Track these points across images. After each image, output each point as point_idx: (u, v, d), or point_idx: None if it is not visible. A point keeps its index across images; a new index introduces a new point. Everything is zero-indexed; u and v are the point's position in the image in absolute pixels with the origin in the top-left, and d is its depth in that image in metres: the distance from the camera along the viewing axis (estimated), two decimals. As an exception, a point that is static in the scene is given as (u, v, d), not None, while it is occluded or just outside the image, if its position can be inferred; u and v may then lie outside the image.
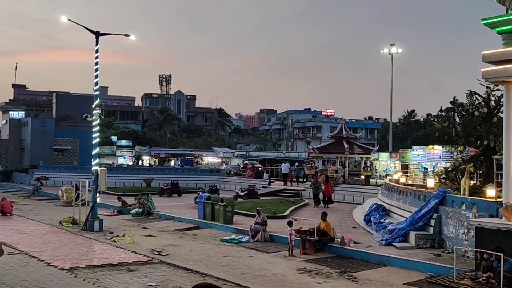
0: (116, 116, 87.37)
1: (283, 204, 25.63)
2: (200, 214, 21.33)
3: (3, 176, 47.30)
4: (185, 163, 58.98)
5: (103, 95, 61.67)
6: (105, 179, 19.86)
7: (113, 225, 19.84)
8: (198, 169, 50.10)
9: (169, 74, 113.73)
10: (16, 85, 78.42)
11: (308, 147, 61.81)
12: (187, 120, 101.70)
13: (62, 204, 28.60)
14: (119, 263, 12.64)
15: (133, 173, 44.18)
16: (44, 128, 49.26)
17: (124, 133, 72.41)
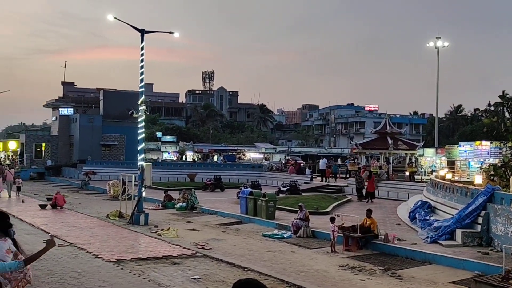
0: (160, 112, 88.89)
1: (325, 200, 25.48)
2: (242, 209, 21.49)
3: (53, 171, 49.03)
4: (227, 158, 59.46)
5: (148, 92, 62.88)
6: (150, 174, 20.30)
7: (158, 219, 20.26)
8: (240, 165, 50.40)
9: (212, 71, 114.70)
10: (65, 82, 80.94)
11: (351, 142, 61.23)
12: (230, 116, 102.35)
13: (109, 198, 29.42)
14: (164, 256, 12.91)
15: (177, 168, 44.88)
16: (92, 124, 50.73)
17: (168, 129, 73.59)
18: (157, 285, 10.06)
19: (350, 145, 61.79)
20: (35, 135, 55.02)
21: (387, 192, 28.96)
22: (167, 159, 60.49)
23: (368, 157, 43.18)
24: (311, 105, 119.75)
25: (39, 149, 51.98)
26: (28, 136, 53.31)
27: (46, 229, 16.64)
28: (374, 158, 42.15)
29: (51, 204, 23.59)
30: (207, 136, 78.36)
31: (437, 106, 52.46)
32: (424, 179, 32.05)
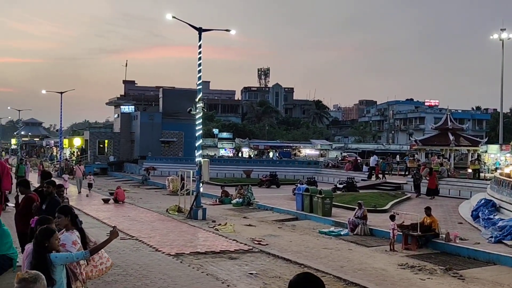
0: (217, 110, 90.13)
1: (383, 197, 25.00)
2: (298, 205, 21.45)
3: (116, 167, 50.80)
4: (283, 155, 59.49)
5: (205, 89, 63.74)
6: (207, 169, 20.64)
7: (215, 214, 20.58)
8: (296, 161, 50.31)
9: (267, 68, 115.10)
10: (127, 81, 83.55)
11: (410, 139, 59.64)
12: (285, 113, 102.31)
13: (169, 193, 30.16)
14: (221, 251, 13.09)
15: (234, 164, 45.37)
16: (152, 121, 52.13)
17: (225, 126, 74.50)
18: (215, 279, 10.23)
19: (409, 141, 60.17)
20: (98, 132, 57.17)
21: (448, 190, 28.05)
22: (223, 155, 61.29)
23: (428, 153, 41.93)
24: (368, 101, 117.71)
25: (102, 145, 53.99)
26: (92, 133, 55.46)
27: (109, 222, 17.27)
28: (434, 155, 40.92)
29: (113, 198, 24.46)
30: (263, 132, 78.66)
31: (502, 101, 50.20)
32: (488, 176, 30.79)
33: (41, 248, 5.00)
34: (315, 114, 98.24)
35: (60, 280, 5.03)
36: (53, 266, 4.95)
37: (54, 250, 5.10)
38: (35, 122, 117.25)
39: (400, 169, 39.51)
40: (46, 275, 4.64)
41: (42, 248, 5.00)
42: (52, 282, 4.84)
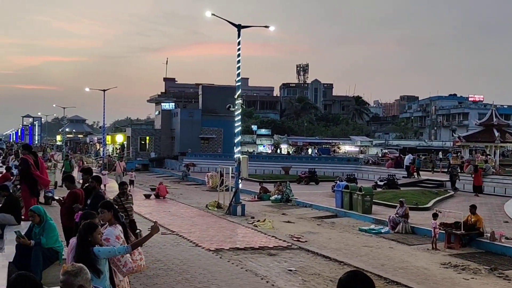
0: (256, 106, 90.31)
1: (425, 195, 24.50)
2: (337, 202, 21.27)
3: (157, 163, 51.68)
4: (322, 151, 59.15)
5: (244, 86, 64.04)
6: (246, 166, 20.74)
7: (254, 210, 20.65)
8: (335, 158, 49.87)
9: (306, 64, 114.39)
10: (167, 78, 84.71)
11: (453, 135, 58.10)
12: (324, 109, 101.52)
13: (208, 189, 30.45)
14: (260, 247, 13.14)
15: (272, 161, 45.38)
16: (192, 118, 52.75)
17: (263, 122, 74.59)
18: (254, 275, 10.28)
19: (453, 137, 58.65)
20: (139, 129, 58.27)
21: (493, 188, 27.22)
22: (262, 152, 61.42)
23: (472, 150, 40.80)
24: (409, 96, 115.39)
25: (144, 142, 55.02)
26: (134, 130, 56.57)
27: (150, 217, 17.59)
28: (478, 152, 39.79)
29: (154, 194, 24.89)
30: (302, 129, 78.34)
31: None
32: (536, 174, 29.69)
33: (85, 242, 5.14)
34: (354, 110, 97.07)
35: (104, 272, 5.17)
36: (97, 259, 5.09)
37: (97, 244, 5.23)
38: (79, 119, 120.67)
39: (443, 166, 38.56)
40: (91, 267, 4.77)
41: (86, 242, 5.14)
42: (98, 273, 4.98)
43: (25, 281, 3.32)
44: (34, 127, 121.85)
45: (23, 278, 3.36)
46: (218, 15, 21.33)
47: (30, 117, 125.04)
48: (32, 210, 7.79)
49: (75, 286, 3.31)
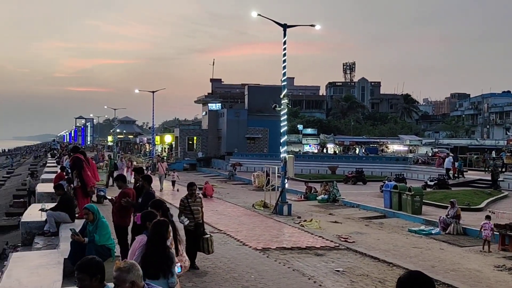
0: (301, 106, 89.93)
1: (477, 195, 23.74)
2: (386, 203, 20.92)
3: (204, 162, 52.37)
4: (369, 151, 58.23)
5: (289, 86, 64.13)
6: (292, 165, 20.70)
7: (301, 210, 20.59)
8: (383, 157, 49.03)
9: (352, 62, 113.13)
10: (213, 79, 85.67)
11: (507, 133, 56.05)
12: (372, 107, 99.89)
13: (254, 188, 30.59)
14: (307, 247, 13.09)
15: (318, 161, 45.12)
16: (238, 118, 53.11)
17: (309, 122, 74.15)
18: (301, 275, 10.26)
19: (506, 136, 56.57)
20: (187, 129, 59.16)
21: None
22: (308, 151, 61.09)
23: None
24: (460, 94, 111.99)
25: (191, 142, 55.86)
26: (182, 130, 57.51)
27: (198, 216, 17.84)
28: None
29: (201, 193, 25.22)
30: (348, 128, 77.42)
31: None
32: None
33: (161, 239, 5.28)
34: (403, 108, 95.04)
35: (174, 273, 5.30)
36: (173, 260, 5.25)
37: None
38: (129, 120, 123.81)
39: (495, 165, 37.16)
40: (167, 267, 4.94)
41: (162, 239, 5.29)
42: (171, 273, 5.13)
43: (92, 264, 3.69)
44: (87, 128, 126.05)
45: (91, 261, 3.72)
46: (264, 15, 21.41)
47: (83, 118, 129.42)
48: (87, 208, 8.07)
49: (127, 282, 3.41)
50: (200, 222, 10.14)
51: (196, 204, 10.10)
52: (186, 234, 9.77)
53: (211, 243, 10.15)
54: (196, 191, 10.29)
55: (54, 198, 13.00)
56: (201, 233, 10.12)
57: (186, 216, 9.81)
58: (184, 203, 10.04)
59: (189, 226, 9.77)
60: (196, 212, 10.03)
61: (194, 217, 9.93)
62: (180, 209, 10.05)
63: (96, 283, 3.61)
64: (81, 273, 3.63)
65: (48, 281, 6.90)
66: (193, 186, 10.23)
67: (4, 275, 7.31)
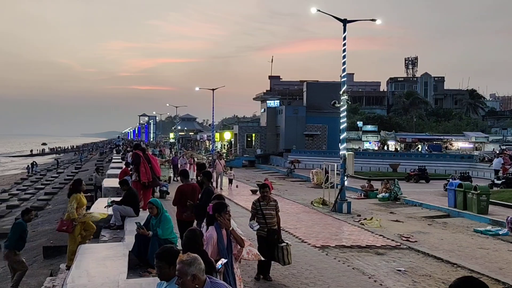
0: (361, 102, 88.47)
1: (550, 195, 22.47)
2: (450, 202, 20.23)
3: (262, 159, 52.67)
4: (433, 148, 56.53)
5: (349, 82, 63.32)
6: (352, 163, 20.43)
7: (360, 208, 20.30)
8: (447, 155, 47.46)
9: (415, 57, 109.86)
10: (272, 76, 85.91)
11: None
12: (435, 103, 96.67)
13: (313, 185, 30.45)
14: (367, 246, 12.90)
15: (379, 158, 44.26)
16: (296, 115, 53.02)
17: (369, 118, 72.88)
18: (361, 273, 10.12)
19: None
20: (246, 126, 59.71)
21: None
22: (368, 148, 60.11)
23: None
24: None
25: (250, 139, 56.33)
26: (241, 127, 58.10)
27: (257, 212, 17.99)
28: None
29: (260, 190, 25.36)
30: (410, 125, 75.41)
31: None
32: None
33: (195, 246, 5.43)
34: (468, 104, 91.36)
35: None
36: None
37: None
38: (190, 117, 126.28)
39: None
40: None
41: (195, 246, 5.44)
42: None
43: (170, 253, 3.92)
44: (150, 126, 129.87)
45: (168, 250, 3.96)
46: (323, 11, 21.23)
47: (146, 116, 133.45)
48: (151, 202, 8.32)
49: (189, 275, 3.50)
50: (274, 228, 9.15)
51: (269, 208, 9.16)
52: (258, 241, 9.12)
53: (287, 252, 9.13)
54: (269, 193, 9.35)
55: (119, 193, 13.50)
56: (276, 240, 9.17)
57: (258, 221, 9.00)
58: (255, 206, 9.17)
59: (260, 231, 9.01)
60: (269, 216, 9.09)
61: (267, 222, 9.03)
62: (252, 212, 9.23)
63: (174, 271, 3.81)
64: (160, 261, 3.90)
65: (114, 272, 7.19)
66: (266, 188, 9.31)
67: (73, 266, 7.68)
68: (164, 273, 3.90)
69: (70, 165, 63.29)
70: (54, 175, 48.76)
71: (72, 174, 44.89)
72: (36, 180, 46.05)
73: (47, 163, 76.81)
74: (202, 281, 3.56)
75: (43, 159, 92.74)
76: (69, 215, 9.93)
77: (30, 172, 58.23)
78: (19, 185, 43.74)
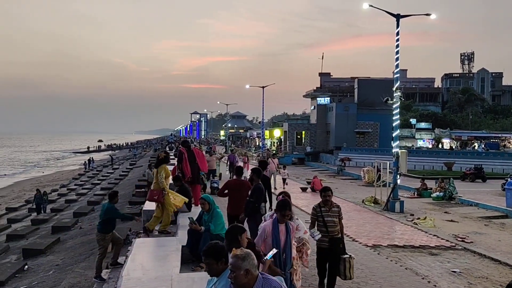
0: (414, 99, 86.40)
1: None
2: (508, 202, 19.48)
3: (312, 157, 52.42)
4: (490, 146, 54.51)
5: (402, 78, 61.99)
6: (405, 161, 20.03)
7: (413, 207, 19.87)
8: (505, 153, 45.57)
9: (471, 52, 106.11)
10: (322, 73, 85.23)
11: None
12: (492, 100, 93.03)
13: (364, 184, 30.04)
14: (420, 246, 12.62)
15: (433, 156, 43.09)
16: (347, 112, 52.41)
17: (423, 115, 71.10)
18: (414, 274, 9.92)
19: None
20: (295, 124, 59.54)
21: None
22: (421, 146, 58.64)
23: None
24: None
25: (300, 136, 56.16)
26: (290, 125, 58.00)
27: (306, 210, 17.91)
28: None
29: (310, 187, 25.28)
30: (466, 122, 72.98)
31: None
32: None
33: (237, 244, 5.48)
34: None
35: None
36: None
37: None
38: (240, 115, 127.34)
39: None
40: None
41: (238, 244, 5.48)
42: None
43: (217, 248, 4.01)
44: (201, 123, 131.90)
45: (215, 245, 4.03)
46: (375, 6, 20.89)
47: (197, 114, 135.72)
48: (203, 198, 8.46)
49: (242, 269, 3.55)
50: (337, 237, 7.89)
51: (332, 215, 7.92)
52: (318, 252, 7.94)
53: (349, 266, 7.87)
54: (331, 197, 8.07)
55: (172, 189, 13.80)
56: (341, 250, 7.93)
57: (319, 229, 7.87)
58: (316, 212, 7.96)
59: (321, 243, 7.83)
60: (331, 224, 7.84)
61: (328, 231, 7.78)
62: (312, 219, 8.03)
63: (222, 266, 3.92)
64: (208, 258, 3.97)
65: (168, 266, 7.37)
66: (328, 191, 8.04)
67: (129, 259, 7.93)
68: (212, 269, 3.97)
69: (125, 161, 65.17)
70: (109, 171, 50.35)
71: (127, 170, 46.20)
72: (92, 176, 47.76)
73: (103, 159, 79.46)
74: (254, 277, 3.61)
75: (99, 156, 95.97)
76: (159, 184, 10.30)
77: (87, 168, 60.41)
78: (76, 180, 45.52)
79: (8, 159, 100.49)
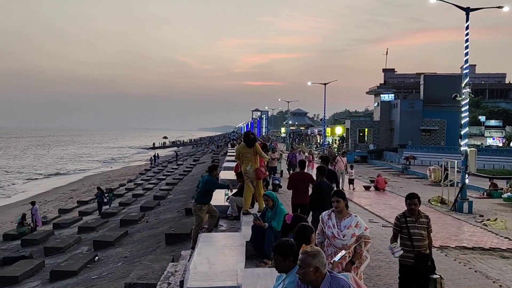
0: (484, 95, 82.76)
1: None
2: None
3: (375, 155, 51.47)
4: None
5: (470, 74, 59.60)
6: (474, 160, 19.31)
7: (483, 208, 19.10)
8: None
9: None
10: (386, 69, 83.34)
11: None
12: None
13: (430, 183, 29.18)
14: (491, 248, 12.13)
15: (504, 155, 41.18)
16: (412, 109, 51.03)
17: (493, 113, 68.05)
18: (485, 277, 9.55)
19: None
20: (358, 121, 58.65)
21: None
22: (491, 145, 56.20)
23: None
24: None
25: (362, 134, 55.26)
26: (352, 122, 57.20)
27: (370, 209, 17.68)
28: None
29: (374, 186, 24.85)
30: (542, 119, 69.12)
31: None
32: None
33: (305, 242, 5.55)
34: None
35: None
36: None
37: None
38: (301, 112, 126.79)
39: None
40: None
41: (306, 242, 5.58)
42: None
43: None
44: (262, 120, 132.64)
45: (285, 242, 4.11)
46: (443, 0, 20.20)
47: (259, 111, 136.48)
48: (267, 194, 8.55)
49: (312, 266, 3.59)
50: (424, 253, 6.71)
51: (419, 227, 6.79)
52: (400, 271, 6.91)
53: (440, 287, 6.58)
54: (418, 206, 6.91)
55: (235, 185, 14.01)
56: (429, 269, 6.68)
57: (403, 242, 6.74)
58: (400, 222, 6.84)
59: (404, 259, 6.72)
60: (418, 238, 6.71)
61: (414, 246, 6.65)
62: (394, 231, 6.94)
63: (289, 263, 4.01)
64: (275, 254, 4.08)
65: (233, 261, 7.51)
66: (414, 199, 6.89)
67: (195, 253, 8.16)
68: (280, 265, 4.07)
69: (189, 158, 66.69)
70: (174, 167, 51.72)
71: (190, 166, 47.29)
72: (158, 171, 49.25)
73: (168, 155, 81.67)
74: (323, 275, 3.64)
75: (164, 152, 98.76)
76: (266, 158, 11.31)
77: (152, 164, 62.36)
78: (143, 176, 47.10)
79: (77, 155, 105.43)
